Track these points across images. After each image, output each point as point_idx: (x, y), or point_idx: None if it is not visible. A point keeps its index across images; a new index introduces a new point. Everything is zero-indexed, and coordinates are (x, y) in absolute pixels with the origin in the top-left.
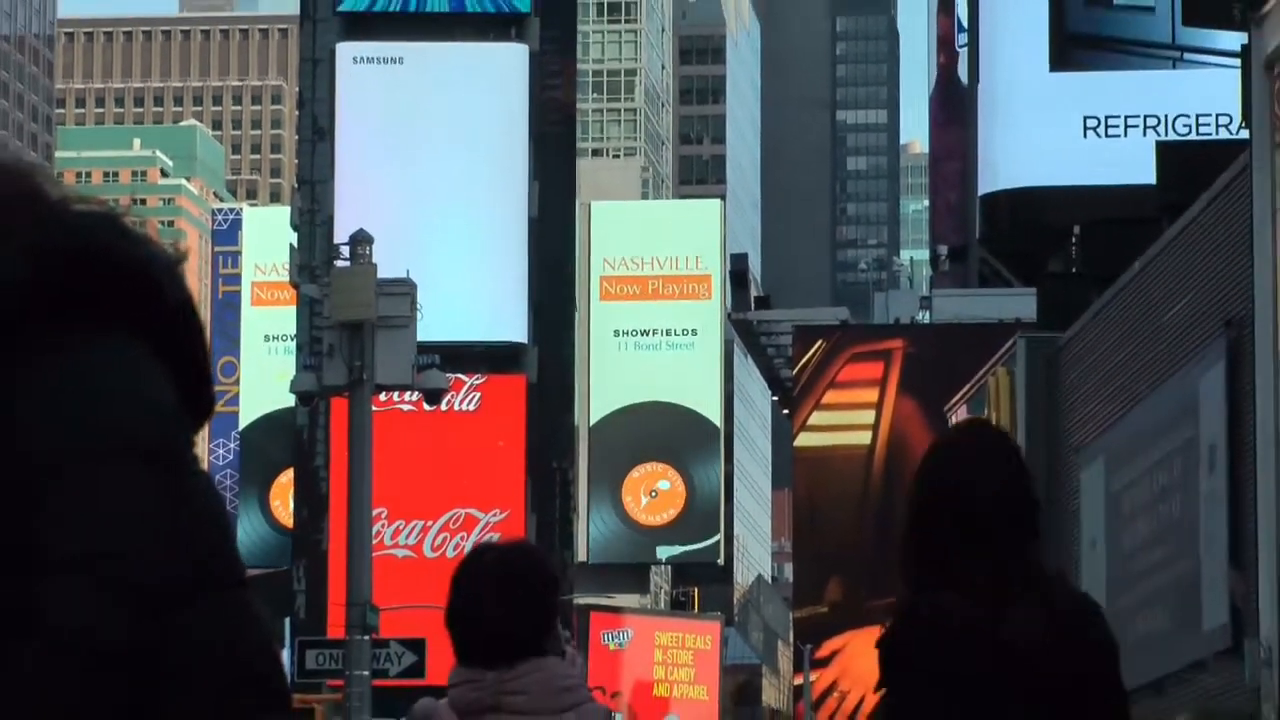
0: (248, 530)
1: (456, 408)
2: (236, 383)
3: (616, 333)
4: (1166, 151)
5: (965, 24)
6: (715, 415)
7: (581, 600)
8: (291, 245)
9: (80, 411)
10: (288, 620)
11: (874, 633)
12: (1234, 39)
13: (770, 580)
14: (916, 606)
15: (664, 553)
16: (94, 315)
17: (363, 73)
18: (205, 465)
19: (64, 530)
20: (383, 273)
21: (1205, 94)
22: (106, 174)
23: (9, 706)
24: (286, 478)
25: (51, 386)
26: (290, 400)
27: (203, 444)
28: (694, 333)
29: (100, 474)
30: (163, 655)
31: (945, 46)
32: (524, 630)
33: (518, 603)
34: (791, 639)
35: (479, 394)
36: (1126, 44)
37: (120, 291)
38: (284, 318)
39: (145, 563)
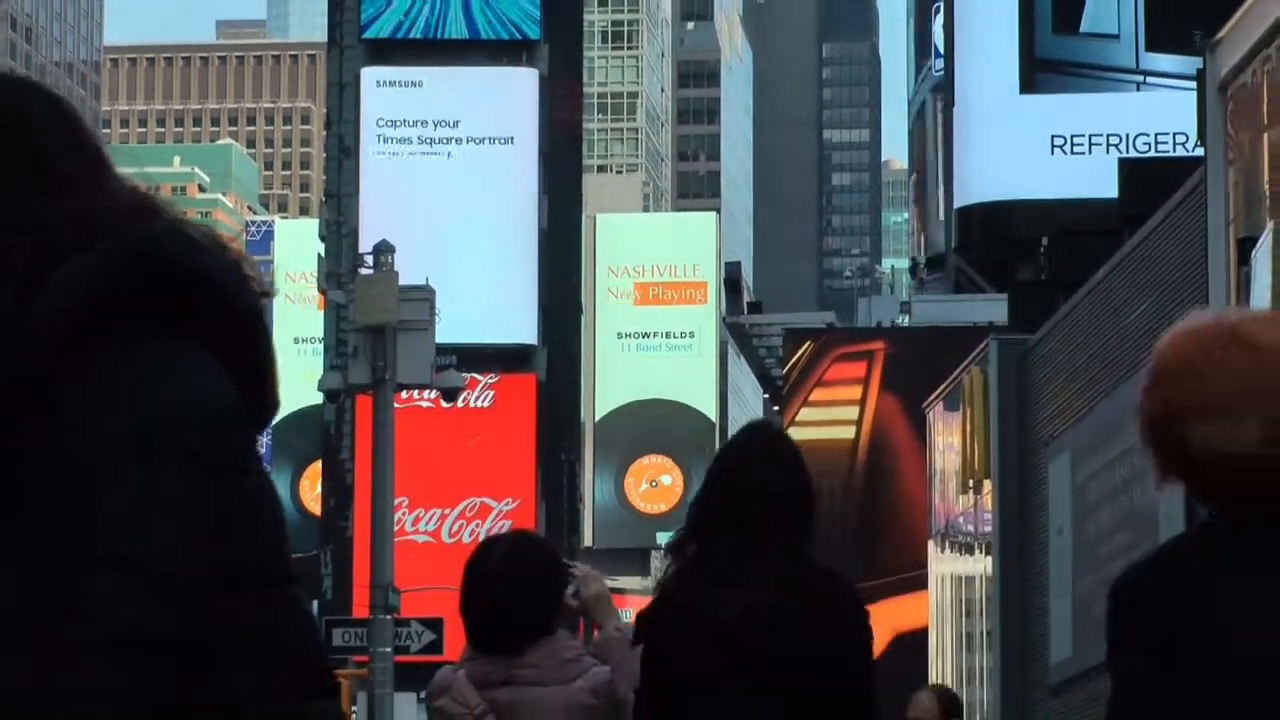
0: None
1: (472, 404)
2: None
3: (619, 335)
4: (1128, 167)
5: (941, 50)
6: (711, 411)
7: None
8: (319, 254)
9: (137, 415)
10: (316, 601)
11: None
12: (1193, 64)
13: None
14: (667, 593)
15: (663, 538)
16: (163, 321)
17: (385, 95)
18: None
19: (113, 529)
20: (403, 280)
21: (1164, 114)
22: (149, 189)
23: (57, 690)
24: (315, 470)
25: (113, 389)
26: (318, 398)
27: None
28: (691, 335)
29: (150, 476)
30: (209, 645)
31: None
32: (531, 617)
33: (525, 592)
34: None
35: (492, 392)
36: (1092, 68)
37: (187, 299)
38: (312, 321)
39: (187, 562)
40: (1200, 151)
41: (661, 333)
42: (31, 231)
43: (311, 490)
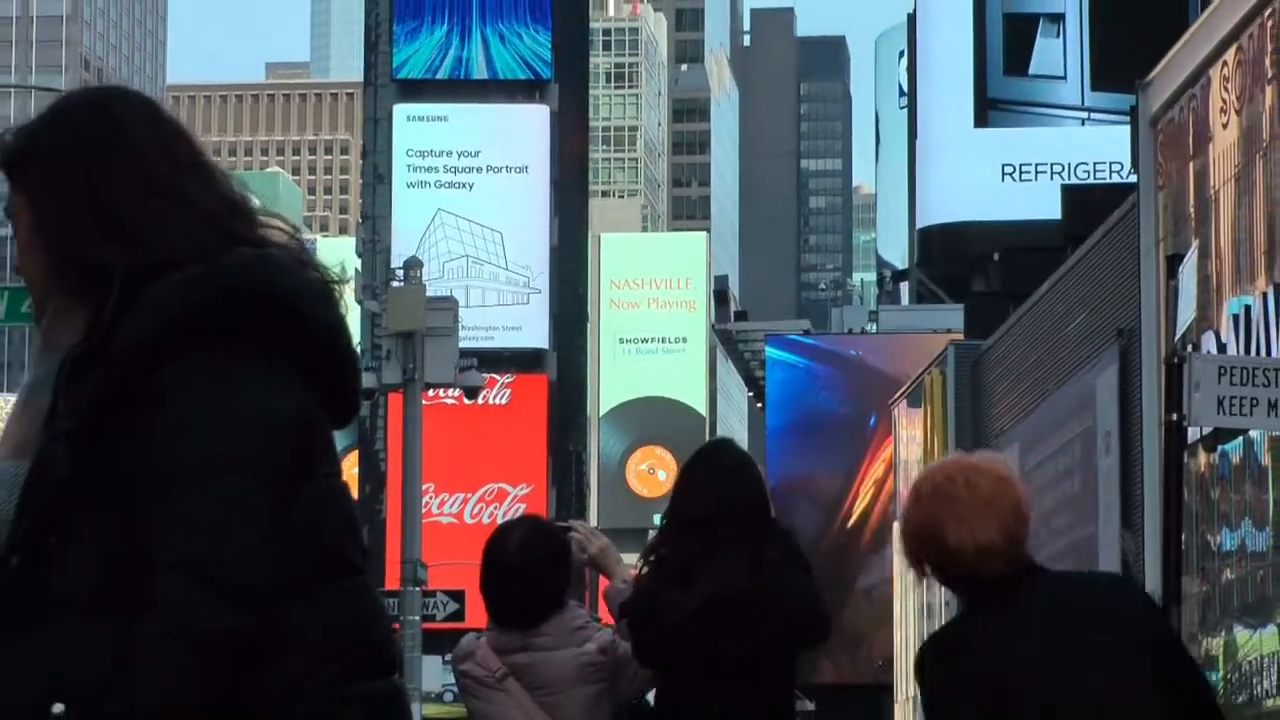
0: None
1: (491, 401)
2: None
3: (621, 340)
4: (1069, 193)
5: (905, 89)
6: (701, 407)
7: None
8: (356, 269)
9: (208, 432)
10: None
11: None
12: (1131, 101)
13: None
14: (640, 589)
15: (659, 520)
16: (246, 339)
17: (415, 128)
18: None
19: (182, 535)
20: (430, 292)
21: (1101, 146)
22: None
23: (127, 672)
24: (352, 459)
25: (189, 405)
26: None
27: None
28: (684, 340)
29: (217, 488)
30: (263, 640)
31: None
32: (544, 596)
33: (538, 576)
34: None
35: (509, 390)
36: (1040, 106)
37: (267, 319)
38: (350, 328)
39: (246, 566)
40: (1133, 179)
41: (657, 338)
42: (129, 246)
43: (348, 472)
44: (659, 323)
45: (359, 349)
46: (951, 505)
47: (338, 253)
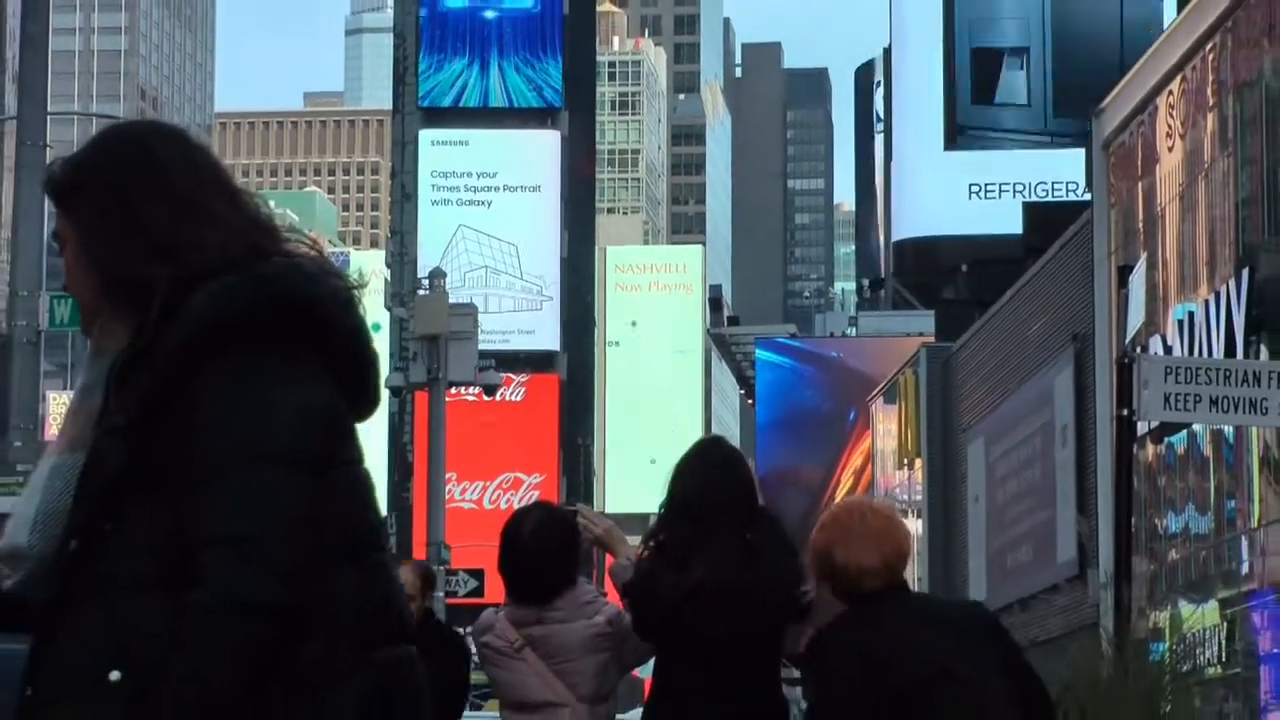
0: None
1: (507, 398)
2: None
3: (623, 343)
4: (1030, 209)
5: (882, 115)
6: (698, 404)
7: None
8: (385, 279)
9: (248, 423)
10: None
11: None
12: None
13: None
14: (640, 571)
15: (659, 508)
16: (279, 341)
17: (438, 151)
18: None
19: (227, 515)
20: (452, 299)
21: (1059, 167)
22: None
23: (179, 639)
24: (382, 451)
25: (230, 400)
26: (385, 393)
27: None
28: (681, 343)
29: (258, 474)
30: (305, 608)
31: None
32: (556, 576)
33: (550, 558)
34: None
35: (524, 388)
36: (1005, 131)
37: (297, 322)
38: (380, 333)
39: (286, 543)
40: (1088, 197)
41: (657, 341)
42: (169, 261)
43: (380, 462)
44: (659, 327)
45: (388, 352)
46: (844, 533)
47: (369, 264)
